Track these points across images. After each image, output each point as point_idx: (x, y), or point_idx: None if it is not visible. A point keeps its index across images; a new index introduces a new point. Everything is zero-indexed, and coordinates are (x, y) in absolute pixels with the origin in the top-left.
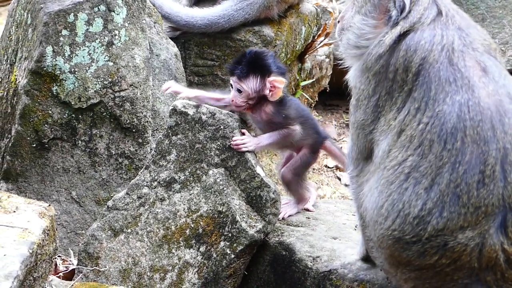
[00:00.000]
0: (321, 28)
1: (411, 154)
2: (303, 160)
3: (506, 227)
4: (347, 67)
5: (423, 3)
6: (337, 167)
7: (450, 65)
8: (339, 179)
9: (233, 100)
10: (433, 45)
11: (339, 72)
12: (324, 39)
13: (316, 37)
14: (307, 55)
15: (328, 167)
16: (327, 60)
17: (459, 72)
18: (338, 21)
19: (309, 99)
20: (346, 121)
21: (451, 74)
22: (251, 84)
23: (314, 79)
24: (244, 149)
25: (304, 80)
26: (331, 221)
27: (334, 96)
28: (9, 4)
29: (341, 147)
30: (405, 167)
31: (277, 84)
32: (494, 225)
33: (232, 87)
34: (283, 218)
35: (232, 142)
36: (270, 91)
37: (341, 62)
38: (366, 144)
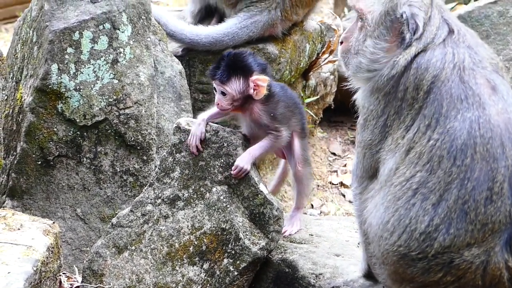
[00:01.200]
0: (325, 45)
1: (420, 170)
2: (303, 147)
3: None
4: (353, 87)
5: (435, 23)
6: (342, 184)
7: (461, 83)
8: (344, 196)
9: (218, 104)
10: (444, 63)
11: (343, 89)
12: (329, 56)
13: (320, 54)
14: (311, 72)
15: (333, 184)
16: (332, 77)
17: (470, 90)
18: (341, 42)
19: (314, 116)
20: (351, 137)
21: (463, 91)
22: (234, 86)
23: (318, 96)
24: (244, 174)
25: (309, 97)
26: (334, 238)
27: (338, 112)
28: (15, 21)
29: (346, 164)
30: (413, 183)
31: (260, 82)
32: (499, 243)
33: (216, 91)
34: (290, 234)
35: (233, 174)
36: (254, 90)
37: (346, 82)
38: (372, 164)
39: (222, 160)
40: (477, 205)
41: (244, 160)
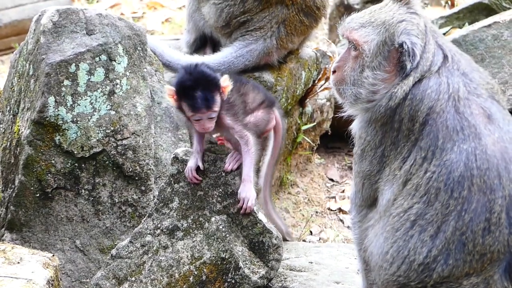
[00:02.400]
0: (321, 72)
1: (417, 202)
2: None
3: (510, 272)
4: (347, 115)
5: (430, 50)
6: (340, 210)
7: (457, 114)
8: (342, 221)
9: (205, 128)
10: (439, 94)
11: (339, 116)
12: (325, 83)
13: (316, 81)
14: (308, 99)
15: (331, 210)
16: (328, 103)
17: (466, 121)
18: (334, 71)
19: (311, 142)
20: (348, 163)
21: (458, 122)
22: (218, 103)
23: (315, 123)
24: (253, 205)
25: (306, 124)
26: (333, 266)
27: (335, 138)
28: (10, 53)
29: (344, 190)
30: (410, 214)
31: (225, 84)
32: (498, 271)
33: (196, 121)
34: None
35: (241, 212)
36: (223, 92)
37: (341, 110)
38: (371, 193)
39: (220, 190)
40: (475, 236)
41: (247, 192)
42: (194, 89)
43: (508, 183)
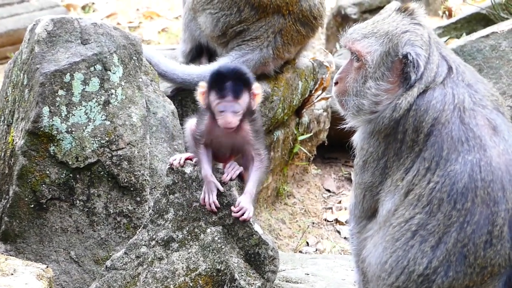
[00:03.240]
0: (318, 83)
1: (419, 212)
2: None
3: (510, 286)
4: (349, 127)
5: (435, 61)
6: (337, 221)
7: (462, 125)
8: (339, 232)
9: (230, 123)
10: (444, 105)
11: (337, 125)
12: (321, 93)
13: (313, 92)
14: (304, 110)
15: (328, 221)
16: (325, 114)
17: (471, 132)
18: (336, 82)
19: (308, 153)
20: (345, 174)
21: (464, 133)
22: (245, 99)
23: (312, 133)
24: (246, 217)
25: (302, 134)
26: (330, 277)
27: (332, 149)
28: (5, 62)
29: (340, 200)
30: (412, 224)
31: (257, 91)
32: (498, 285)
33: (220, 113)
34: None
35: (235, 215)
36: (253, 99)
37: (340, 122)
38: (372, 204)
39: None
40: (476, 248)
41: (245, 204)
42: (227, 78)
43: None
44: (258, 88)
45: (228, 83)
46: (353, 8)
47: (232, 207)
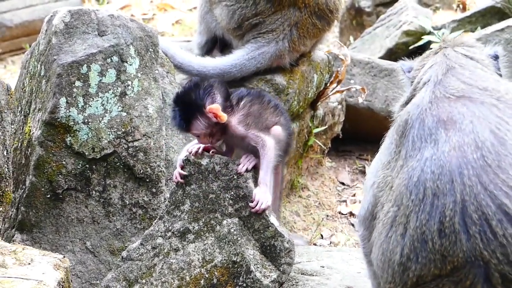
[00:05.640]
0: (333, 75)
1: (392, 205)
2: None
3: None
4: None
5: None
6: (351, 214)
7: (422, 124)
8: (353, 225)
9: (204, 143)
10: (414, 107)
11: (352, 118)
12: (336, 86)
13: (328, 84)
14: (319, 103)
15: (342, 214)
16: (340, 106)
17: (429, 129)
18: None
19: (322, 146)
20: (359, 167)
21: (423, 132)
22: (198, 127)
23: (326, 126)
24: (265, 207)
25: (317, 127)
26: (345, 270)
27: (347, 142)
28: (21, 53)
29: (355, 193)
30: (389, 217)
31: (215, 111)
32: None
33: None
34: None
35: (252, 210)
36: (215, 117)
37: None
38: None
39: (232, 193)
40: (432, 235)
41: (261, 193)
42: (176, 107)
43: (461, 188)
44: (214, 108)
45: (176, 113)
46: (366, 1)
47: (250, 203)
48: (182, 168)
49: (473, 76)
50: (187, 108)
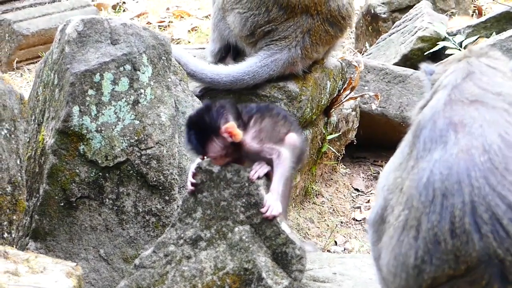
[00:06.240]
0: (347, 82)
1: (403, 209)
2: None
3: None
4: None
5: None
6: (365, 220)
7: (434, 125)
8: (367, 232)
9: (220, 164)
10: (429, 109)
11: (366, 125)
12: (350, 93)
13: (341, 91)
14: (333, 109)
15: (356, 220)
16: (353, 113)
17: (440, 131)
18: None
19: (336, 152)
20: (374, 173)
21: (434, 133)
22: (214, 149)
23: (340, 133)
24: (276, 213)
25: (331, 133)
26: (357, 277)
27: (361, 148)
28: (37, 61)
29: (369, 200)
30: (400, 221)
31: (230, 129)
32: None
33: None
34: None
35: (263, 216)
36: (230, 137)
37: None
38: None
39: (243, 200)
40: (444, 236)
41: (272, 200)
42: (191, 131)
43: (470, 189)
44: (229, 127)
45: (191, 137)
46: (382, 7)
47: (261, 209)
48: (194, 176)
49: (490, 82)
50: (202, 131)
